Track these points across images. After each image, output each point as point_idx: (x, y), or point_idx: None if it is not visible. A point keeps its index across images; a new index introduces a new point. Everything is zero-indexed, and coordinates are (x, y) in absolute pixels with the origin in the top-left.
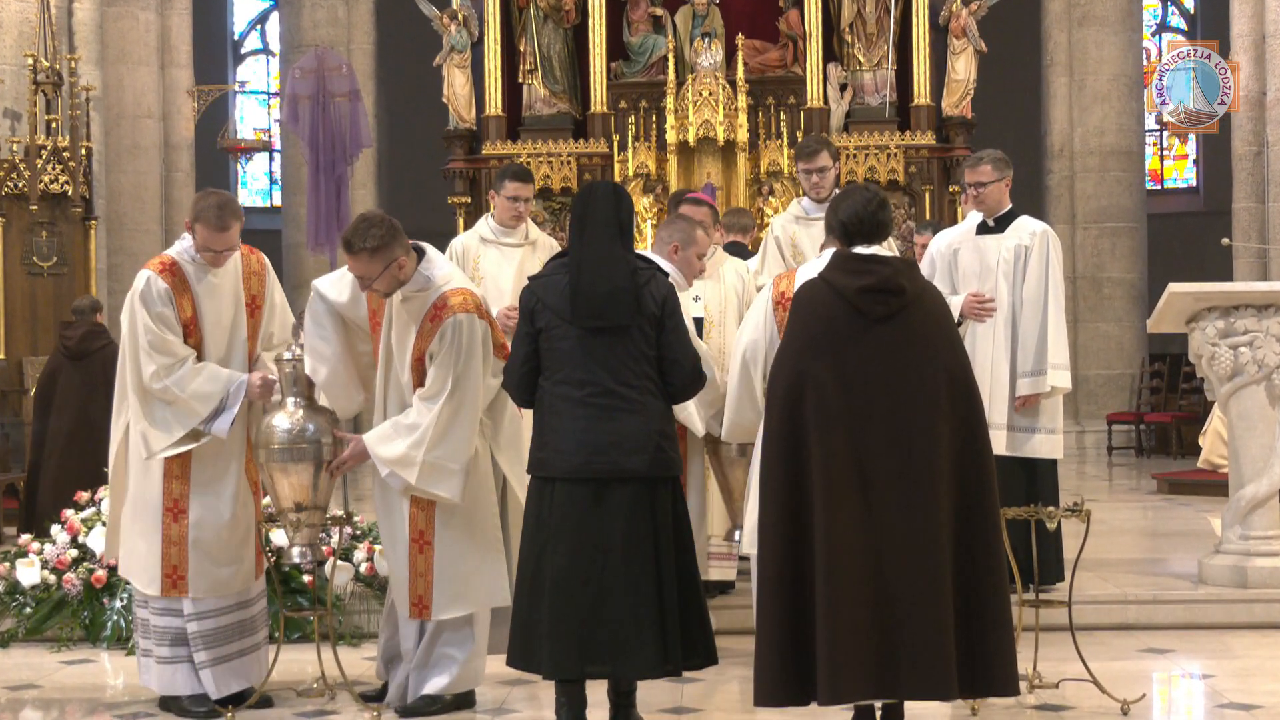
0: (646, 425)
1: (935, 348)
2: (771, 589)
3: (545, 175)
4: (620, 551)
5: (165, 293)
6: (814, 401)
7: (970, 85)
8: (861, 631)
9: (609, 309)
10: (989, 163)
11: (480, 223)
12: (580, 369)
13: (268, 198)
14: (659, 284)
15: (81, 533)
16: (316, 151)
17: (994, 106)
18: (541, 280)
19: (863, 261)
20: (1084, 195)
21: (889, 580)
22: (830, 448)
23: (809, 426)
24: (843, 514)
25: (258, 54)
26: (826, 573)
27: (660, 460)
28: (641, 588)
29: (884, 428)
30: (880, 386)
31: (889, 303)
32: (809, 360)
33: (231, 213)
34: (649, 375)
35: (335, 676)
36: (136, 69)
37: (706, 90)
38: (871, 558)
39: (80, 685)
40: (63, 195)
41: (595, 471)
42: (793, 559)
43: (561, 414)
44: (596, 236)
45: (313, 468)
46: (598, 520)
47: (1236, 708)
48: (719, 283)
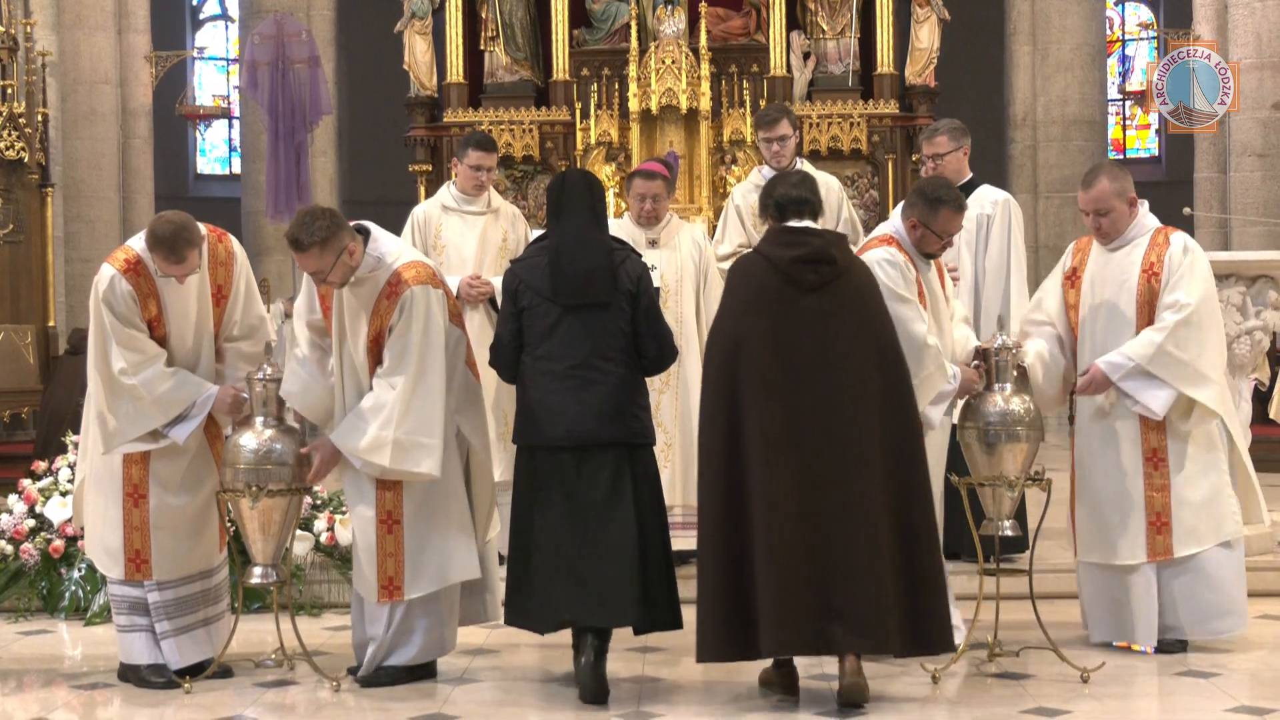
0: (623, 396)
1: (863, 316)
2: (711, 547)
3: (507, 143)
4: (601, 512)
5: (129, 294)
6: (749, 366)
7: (933, 54)
8: (800, 587)
9: (587, 287)
10: (944, 133)
11: (441, 190)
12: (560, 344)
13: (227, 165)
14: (634, 263)
15: (39, 503)
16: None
17: (957, 75)
18: (523, 262)
19: (796, 234)
20: (1046, 165)
21: (826, 537)
22: (766, 409)
23: (745, 389)
24: (778, 473)
25: (216, 19)
26: (765, 530)
27: (636, 429)
28: (622, 545)
29: (816, 390)
30: (811, 352)
31: (820, 272)
32: (745, 326)
33: (186, 242)
34: (625, 349)
35: (294, 647)
36: (93, 34)
37: (669, 58)
38: (808, 516)
39: (37, 656)
40: (19, 162)
41: (576, 439)
42: (732, 517)
43: (544, 387)
44: (573, 220)
45: (277, 489)
46: (580, 484)
47: (1196, 675)
48: (675, 251)
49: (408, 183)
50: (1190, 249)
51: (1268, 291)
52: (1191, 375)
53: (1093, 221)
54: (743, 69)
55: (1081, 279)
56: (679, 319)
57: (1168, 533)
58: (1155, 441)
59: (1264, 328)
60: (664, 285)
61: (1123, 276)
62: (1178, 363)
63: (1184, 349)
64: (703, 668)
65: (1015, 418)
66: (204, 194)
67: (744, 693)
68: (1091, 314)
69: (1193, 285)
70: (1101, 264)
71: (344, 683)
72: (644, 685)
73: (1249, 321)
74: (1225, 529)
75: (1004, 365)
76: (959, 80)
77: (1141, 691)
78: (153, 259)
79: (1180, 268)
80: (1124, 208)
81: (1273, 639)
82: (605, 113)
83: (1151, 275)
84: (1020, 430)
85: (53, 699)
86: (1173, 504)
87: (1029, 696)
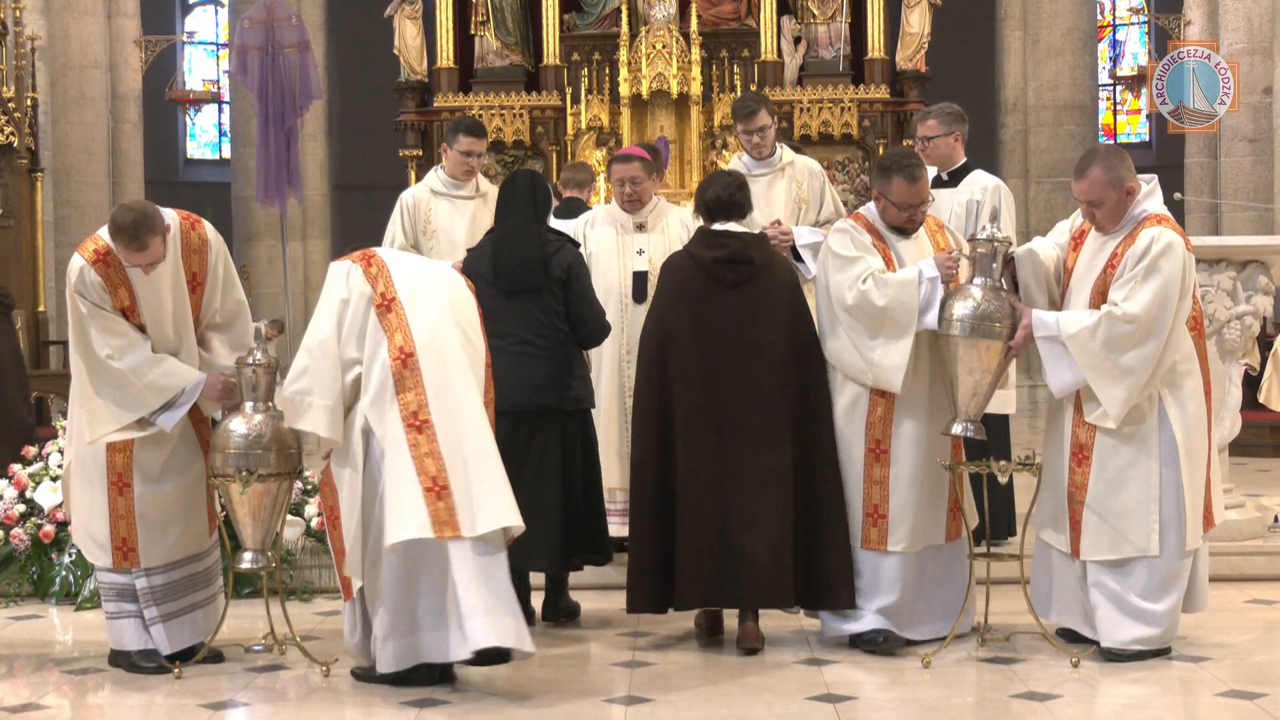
0: (557, 368)
1: (778, 311)
2: (642, 515)
3: (497, 128)
4: (534, 468)
5: (98, 285)
6: (676, 356)
7: (924, 39)
8: (710, 550)
9: (522, 275)
10: (936, 117)
11: (430, 175)
12: (503, 323)
13: (216, 150)
14: (566, 253)
15: (29, 488)
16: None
17: (948, 60)
18: (474, 253)
19: (718, 236)
20: (1037, 149)
21: (735, 507)
22: (690, 395)
23: (673, 377)
24: (699, 451)
25: (206, 4)
26: (684, 501)
27: (568, 396)
28: (548, 497)
29: (734, 378)
30: (731, 343)
31: (739, 270)
32: (672, 321)
33: (147, 229)
34: (559, 328)
35: (285, 632)
36: (83, 19)
37: (660, 43)
38: (720, 488)
39: (28, 641)
40: (8, 147)
41: (514, 405)
42: (660, 490)
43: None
44: (514, 215)
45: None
46: (516, 443)
47: (1187, 660)
48: (663, 235)
49: (398, 167)
50: (1152, 251)
51: (1258, 276)
52: (1105, 370)
53: (1086, 211)
54: (733, 54)
55: (1080, 249)
56: None
57: (1078, 533)
58: (1083, 437)
59: (1254, 313)
60: (652, 268)
61: (1094, 261)
62: (1093, 353)
63: (1108, 343)
64: (691, 652)
65: (986, 313)
66: (193, 179)
67: (733, 677)
68: (1076, 281)
69: (1140, 290)
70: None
71: (334, 668)
72: (634, 671)
73: (1239, 306)
74: (1122, 548)
75: (985, 257)
76: (950, 65)
77: (1131, 676)
78: (115, 248)
79: (1136, 267)
80: (1118, 197)
81: (1263, 623)
82: (596, 98)
83: (1110, 266)
84: (995, 327)
85: (44, 684)
86: (1085, 506)
87: (1019, 681)
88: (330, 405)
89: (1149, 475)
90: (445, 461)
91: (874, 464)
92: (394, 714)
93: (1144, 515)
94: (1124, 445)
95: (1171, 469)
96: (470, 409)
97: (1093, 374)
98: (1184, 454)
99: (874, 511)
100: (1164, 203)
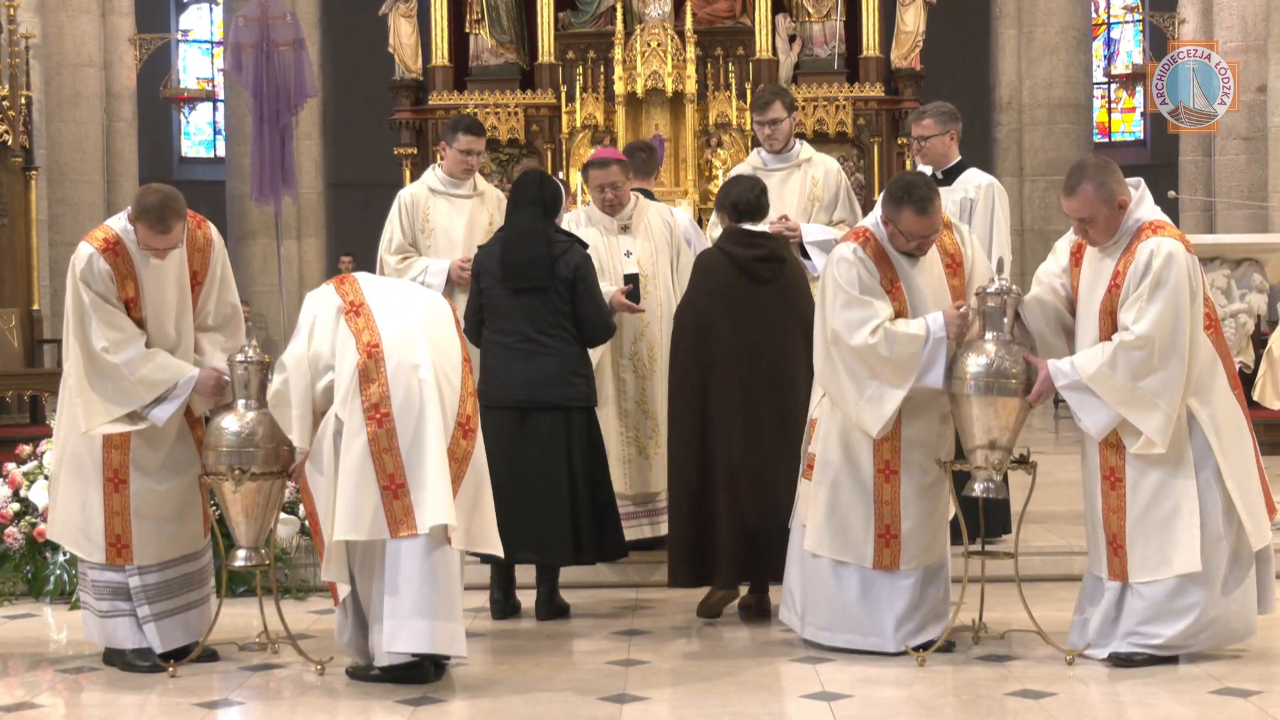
0: (561, 365)
1: (798, 306)
2: (681, 493)
3: (492, 126)
4: (539, 463)
5: (106, 274)
6: (714, 346)
7: (919, 37)
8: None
9: (529, 273)
10: (931, 116)
11: (427, 173)
12: (509, 321)
13: (211, 148)
14: (573, 253)
15: (23, 486)
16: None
17: (943, 59)
18: (484, 250)
19: (752, 236)
20: (1032, 148)
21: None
22: (727, 382)
23: (712, 364)
24: (734, 433)
25: (201, 2)
26: (721, 483)
27: (571, 393)
28: (555, 493)
29: (763, 365)
30: (761, 334)
31: (772, 268)
32: (710, 312)
33: (173, 213)
34: (564, 326)
35: (279, 630)
36: (77, 16)
37: (655, 41)
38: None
39: (23, 640)
40: (2, 145)
41: (519, 401)
42: (699, 469)
43: (496, 356)
44: (522, 214)
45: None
46: (521, 439)
47: (1182, 658)
48: (647, 235)
49: (392, 166)
50: (1153, 265)
51: (1252, 274)
52: (1136, 400)
53: (1078, 228)
54: (728, 52)
55: (1082, 262)
56: (660, 301)
57: (1124, 556)
58: (1113, 460)
59: (1248, 310)
60: (641, 270)
61: (1096, 281)
62: (1119, 387)
63: (1130, 373)
64: (684, 650)
65: (1000, 370)
66: (188, 177)
67: (727, 675)
68: (1083, 302)
69: (1149, 310)
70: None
71: (328, 666)
72: (629, 669)
73: (1233, 305)
74: (1175, 564)
75: (995, 311)
76: (944, 63)
77: (1125, 674)
78: (137, 230)
79: (1141, 285)
80: (1110, 212)
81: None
82: (590, 96)
83: (1114, 287)
84: (1012, 384)
85: (38, 683)
86: (1128, 528)
87: (1013, 679)
88: (300, 414)
89: (1185, 487)
90: (403, 458)
91: (884, 484)
92: (388, 712)
93: (1187, 530)
94: (1155, 462)
95: (1209, 473)
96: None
97: (1124, 407)
98: (1220, 455)
99: (885, 532)
100: (1156, 203)
